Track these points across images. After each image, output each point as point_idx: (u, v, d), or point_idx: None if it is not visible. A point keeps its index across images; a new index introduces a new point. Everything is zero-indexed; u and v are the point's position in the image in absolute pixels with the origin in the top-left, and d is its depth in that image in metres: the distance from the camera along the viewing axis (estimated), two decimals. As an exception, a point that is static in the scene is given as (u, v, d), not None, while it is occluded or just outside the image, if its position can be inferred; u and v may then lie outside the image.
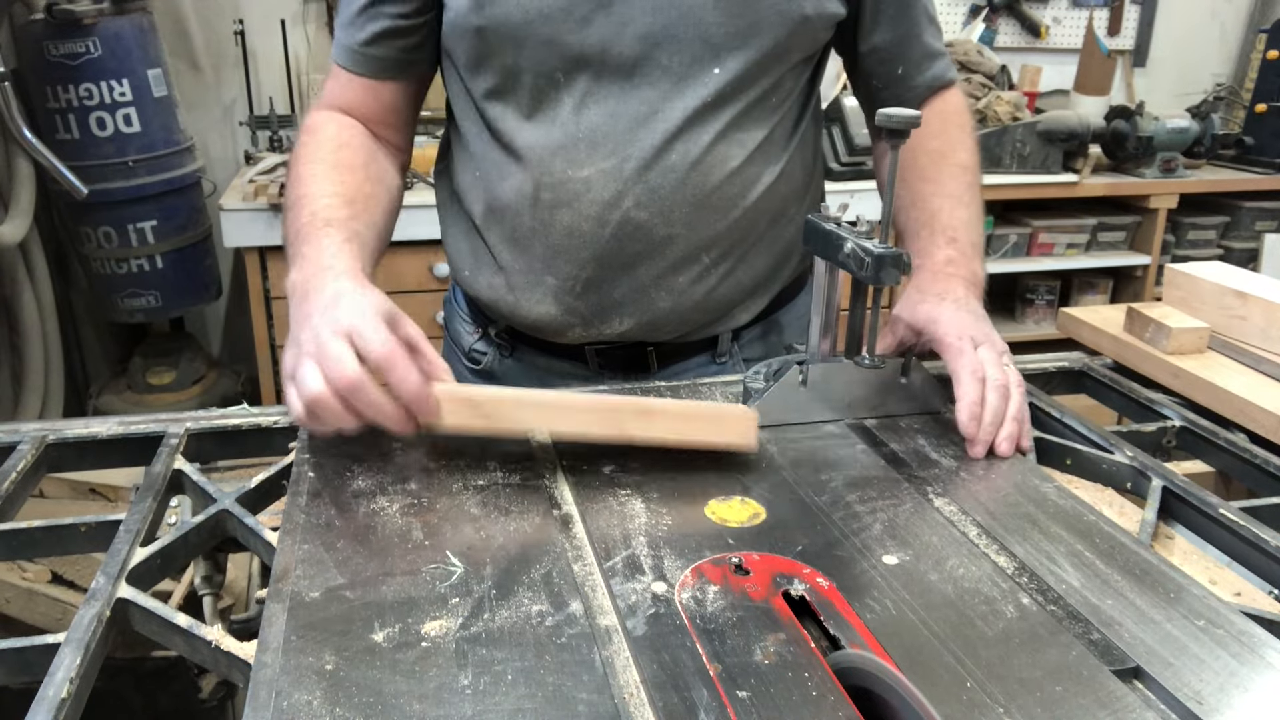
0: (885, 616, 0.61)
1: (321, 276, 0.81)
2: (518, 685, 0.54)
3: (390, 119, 1.06)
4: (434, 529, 0.70)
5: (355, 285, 0.80)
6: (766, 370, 0.93)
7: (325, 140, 1.00)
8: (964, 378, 0.85)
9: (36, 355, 2.39)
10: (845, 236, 0.83)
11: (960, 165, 1.05)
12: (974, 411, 0.84)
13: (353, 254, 0.86)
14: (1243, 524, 0.76)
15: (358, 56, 1.02)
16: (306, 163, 0.97)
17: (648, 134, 0.94)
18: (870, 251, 0.81)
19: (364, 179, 0.97)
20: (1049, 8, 3.37)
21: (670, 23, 0.91)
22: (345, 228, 0.89)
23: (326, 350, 0.73)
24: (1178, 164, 2.99)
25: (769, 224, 1.03)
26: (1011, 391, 0.86)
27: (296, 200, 0.93)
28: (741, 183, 0.98)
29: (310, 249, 0.86)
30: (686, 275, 1.00)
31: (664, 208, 0.96)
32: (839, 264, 0.85)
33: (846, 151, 2.69)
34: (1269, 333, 1.12)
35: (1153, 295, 3.03)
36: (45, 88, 2.26)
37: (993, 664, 0.57)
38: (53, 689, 0.55)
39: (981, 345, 0.88)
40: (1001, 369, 0.87)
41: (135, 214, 2.38)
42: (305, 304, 0.80)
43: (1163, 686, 0.56)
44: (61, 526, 0.75)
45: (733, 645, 0.58)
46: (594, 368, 1.07)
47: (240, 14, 2.72)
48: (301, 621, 0.59)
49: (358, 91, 1.03)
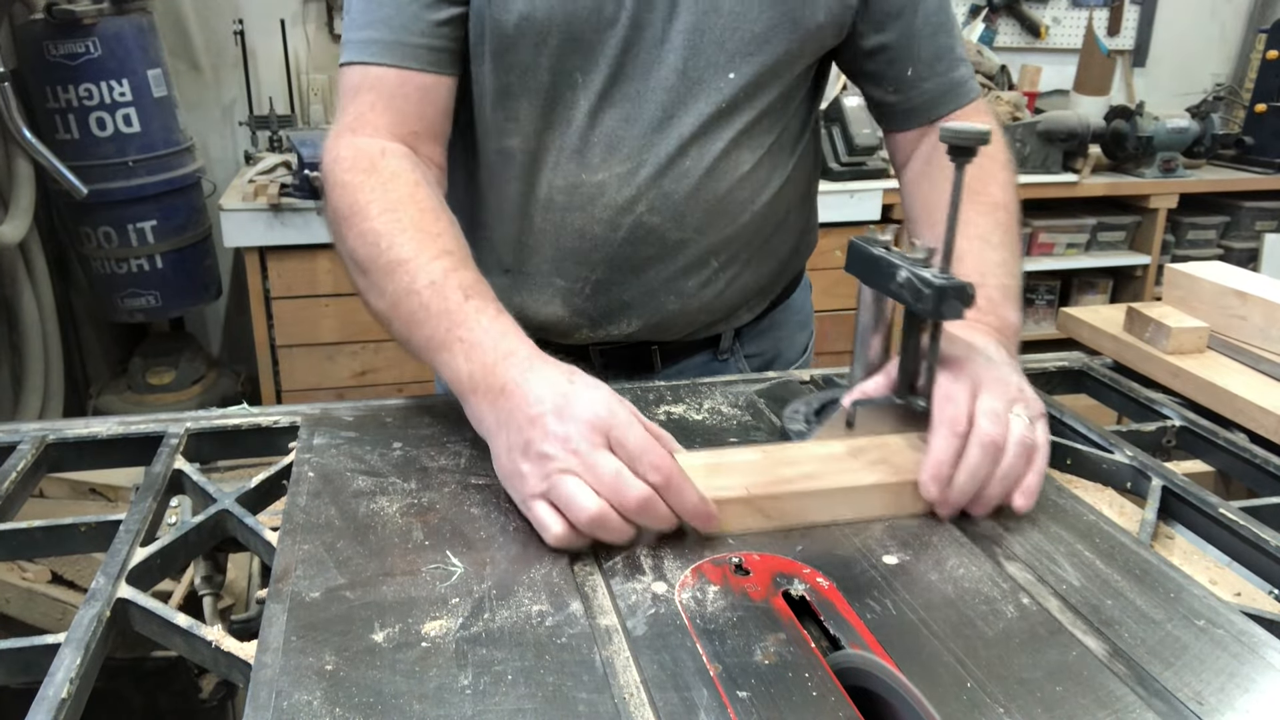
0: (885, 616, 0.61)
1: (508, 367, 0.71)
2: (518, 685, 0.54)
3: (439, 128, 0.94)
4: (434, 529, 0.70)
5: (565, 375, 0.70)
6: (806, 410, 0.86)
7: (393, 179, 0.86)
8: (938, 430, 0.72)
9: (36, 355, 2.40)
10: (898, 264, 0.74)
11: (992, 203, 0.94)
12: (938, 471, 0.71)
13: (516, 327, 0.76)
14: (1243, 524, 0.76)
15: (417, 51, 0.90)
16: (387, 212, 0.83)
17: (663, 139, 0.94)
18: (930, 282, 0.70)
19: (450, 221, 0.85)
20: (1049, 8, 3.37)
21: (689, 29, 0.91)
22: (483, 293, 0.78)
23: (600, 469, 0.64)
24: (1177, 164, 2.99)
25: (774, 228, 1.05)
26: (1007, 448, 0.71)
27: (394, 265, 0.80)
28: (752, 188, 0.99)
29: (467, 332, 0.75)
30: (696, 279, 1.01)
31: (677, 212, 0.97)
32: (891, 294, 0.75)
33: (846, 151, 2.70)
34: (1269, 333, 1.12)
35: (1153, 295, 3.03)
36: (45, 88, 2.26)
37: (993, 664, 0.57)
38: (53, 689, 0.54)
39: (985, 393, 0.73)
40: (999, 421, 0.72)
41: (135, 214, 2.38)
42: (505, 401, 0.70)
43: (1163, 686, 0.56)
44: (61, 526, 0.75)
45: (733, 645, 0.58)
46: (598, 366, 1.07)
47: (240, 14, 2.72)
48: (301, 621, 0.59)
49: (410, 96, 0.91)
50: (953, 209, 0.72)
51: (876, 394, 0.79)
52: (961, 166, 0.71)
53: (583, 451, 0.65)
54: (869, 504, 0.73)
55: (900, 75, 1.00)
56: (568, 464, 0.65)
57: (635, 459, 0.65)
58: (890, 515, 0.73)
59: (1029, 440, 0.72)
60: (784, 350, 1.17)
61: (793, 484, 0.72)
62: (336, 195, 0.86)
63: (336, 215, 0.86)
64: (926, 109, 1.01)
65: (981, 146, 0.95)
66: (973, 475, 0.71)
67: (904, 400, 0.78)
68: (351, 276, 0.86)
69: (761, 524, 0.70)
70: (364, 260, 0.83)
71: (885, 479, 0.73)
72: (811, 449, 0.77)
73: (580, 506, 0.64)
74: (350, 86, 0.92)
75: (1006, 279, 0.89)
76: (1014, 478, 0.72)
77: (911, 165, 1.04)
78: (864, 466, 0.74)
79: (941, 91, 1.00)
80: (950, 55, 1.00)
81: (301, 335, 2.41)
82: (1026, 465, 0.72)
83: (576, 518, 0.64)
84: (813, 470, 0.73)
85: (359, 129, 0.90)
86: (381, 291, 0.81)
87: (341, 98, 0.94)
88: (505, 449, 0.70)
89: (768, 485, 0.71)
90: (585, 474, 0.65)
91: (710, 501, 0.67)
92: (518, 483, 0.68)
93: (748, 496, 0.70)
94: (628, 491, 0.64)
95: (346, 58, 0.93)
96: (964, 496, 0.71)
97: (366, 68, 0.91)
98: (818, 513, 0.72)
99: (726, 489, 0.70)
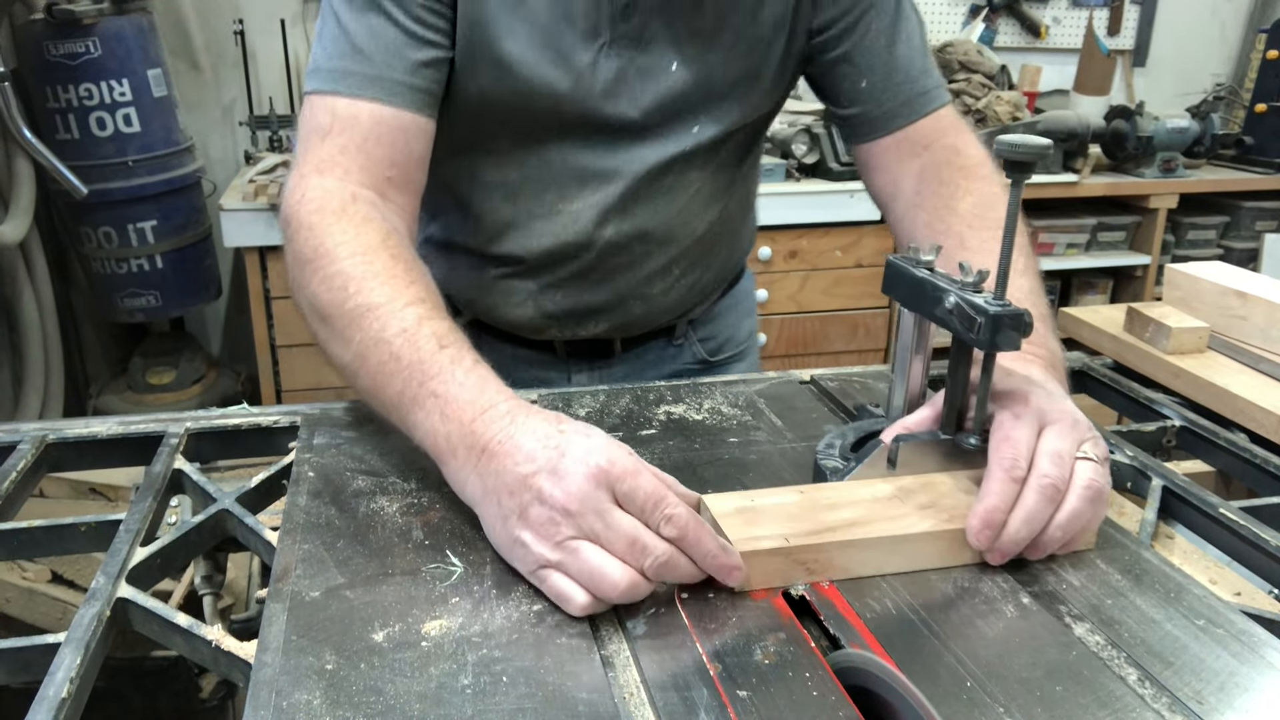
0: (885, 616, 0.61)
1: (488, 424, 0.65)
2: (518, 685, 0.54)
3: (414, 177, 0.90)
4: (434, 529, 0.70)
5: (554, 425, 0.64)
6: (841, 443, 0.79)
7: (365, 224, 0.80)
8: (994, 473, 0.65)
9: (36, 355, 2.40)
10: (946, 288, 0.68)
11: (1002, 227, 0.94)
12: (990, 518, 0.64)
13: (494, 378, 0.70)
14: (1243, 524, 0.76)
15: (398, 88, 0.86)
16: (356, 255, 0.76)
17: (632, 175, 0.98)
18: (983, 310, 0.64)
19: (422, 271, 0.80)
20: (1049, 8, 3.37)
21: (663, 99, 0.96)
22: (458, 342, 0.72)
23: (615, 530, 0.59)
24: (1177, 164, 2.99)
25: (725, 235, 1.12)
26: (1072, 491, 0.66)
27: (362, 310, 0.73)
28: (707, 203, 1.05)
29: (441, 385, 0.68)
30: (659, 286, 1.08)
31: (643, 231, 1.02)
32: (936, 320, 0.69)
33: (846, 151, 2.69)
34: (1269, 333, 1.12)
35: (1153, 295, 3.03)
36: (45, 88, 2.26)
37: (993, 664, 0.57)
38: (53, 689, 0.54)
39: (1050, 432, 0.68)
40: (1063, 464, 0.66)
41: (135, 214, 2.38)
42: (491, 463, 0.63)
43: (1163, 686, 0.56)
44: (61, 526, 0.75)
45: (733, 645, 0.58)
46: (561, 355, 1.13)
47: (240, 14, 2.72)
48: (302, 621, 0.59)
49: (383, 140, 0.86)
50: (1008, 229, 0.66)
51: (919, 429, 0.73)
52: (1019, 184, 0.65)
53: (591, 512, 0.59)
54: (921, 554, 0.66)
55: (854, 89, 0.99)
56: (578, 529, 0.59)
57: (646, 512, 0.60)
58: (943, 566, 0.66)
59: (1097, 485, 0.66)
60: (733, 334, 1.22)
61: (836, 532, 0.65)
62: (301, 238, 0.80)
63: (299, 259, 0.79)
64: (885, 120, 0.99)
65: (973, 167, 0.95)
66: (1028, 521, 0.64)
67: (951, 437, 0.72)
68: (311, 326, 0.79)
69: (803, 578, 0.64)
70: (327, 306, 0.75)
71: (939, 526, 0.66)
72: (854, 491, 0.70)
73: (609, 581, 0.58)
74: (318, 126, 0.86)
75: (1042, 308, 0.83)
76: (1078, 524, 0.66)
77: (900, 197, 1.00)
78: (914, 512, 0.67)
79: (899, 102, 0.98)
80: (909, 66, 0.98)
81: (301, 335, 2.41)
82: (1091, 510, 0.66)
83: (606, 593, 0.58)
84: (858, 516, 0.67)
85: (327, 171, 0.84)
86: (347, 340, 0.74)
87: (307, 135, 0.87)
88: (499, 517, 0.63)
89: (809, 534, 0.64)
90: (600, 538, 0.59)
91: (734, 552, 0.61)
92: (520, 553, 0.62)
93: (788, 548, 0.63)
94: (650, 552, 0.59)
95: (317, 86, 0.88)
96: (1017, 545, 0.65)
97: (337, 99, 0.86)
98: (864, 565, 0.65)
99: (763, 539, 0.63)
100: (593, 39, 0.92)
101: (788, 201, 2.63)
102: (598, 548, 0.59)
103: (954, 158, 0.96)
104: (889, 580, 0.65)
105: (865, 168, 1.05)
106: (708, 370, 1.19)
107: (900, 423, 0.75)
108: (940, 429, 0.73)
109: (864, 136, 1.02)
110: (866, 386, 0.98)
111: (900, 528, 0.66)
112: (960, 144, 0.98)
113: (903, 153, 1.00)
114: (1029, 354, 0.77)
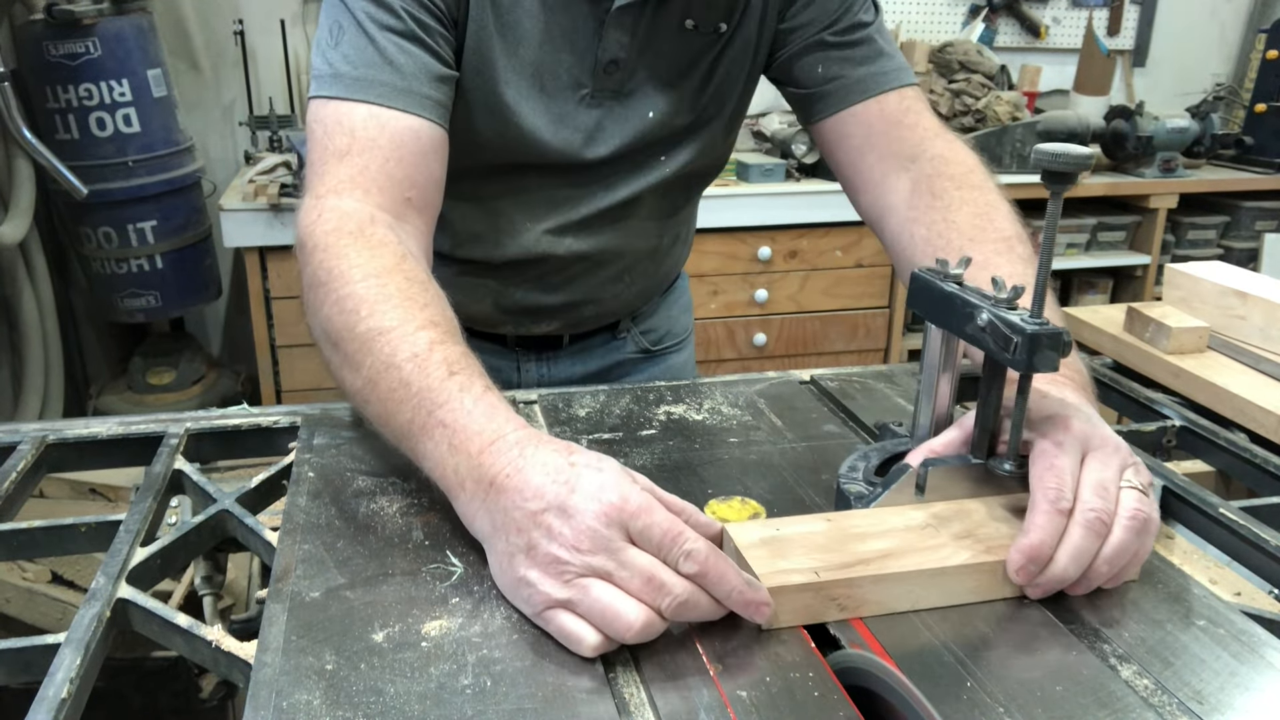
0: (885, 616, 0.61)
1: (496, 456, 0.61)
2: (518, 685, 0.54)
3: (431, 199, 0.88)
4: (434, 529, 0.70)
5: (564, 457, 0.60)
6: (865, 466, 0.75)
7: (381, 246, 0.77)
8: (1040, 506, 0.62)
9: (36, 355, 2.40)
10: (978, 304, 0.64)
11: (1003, 238, 0.85)
12: (1036, 554, 0.61)
13: (505, 405, 0.66)
14: (1243, 524, 0.76)
15: (425, 102, 0.85)
16: (371, 278, 0.74)
17: (598, 201, 1.04)
18: (1019, 328, 0.60)
19: (438, 294, 0.77)
20: (1049, 8, 3.37)
21: (635, 141, 1.01)
22: (469, 368, 0.68)
23: (629, 567, 0.56)
24: (1177, 164, 2.99)
25: (676, 247, 1.20)
26: (1118, 523, 0.62)
27: (374, 335, 0.70)
28: (658, 217, 1.12)
29: (449, 414, 0.65)
30: (610, 290, 1.14)
31: (599, 243, 1.08)
32: (967, 338, 0.66)
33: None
34: (1269, 333, 1.12)
35: (1153, 295, 3.03)
36: (45, 88, 2.26)
37: (993, 664, 0.57)
38: (53, 689, 0.54)
39: (1094, 460, 0.65)
40: (1108, 495, 0.63)
41: (135, 214, 2.38)
42: (499, 498, 0.60)
43: (1163, 686, 0.56)
44: (61, 526, 0.75)
45: (733, 645, 0.58)
46: (511, 346, 1.18)
47: (240, 14, 2.72)
48: (302, 621, 0.59)
49: (404, 160, 0.83)
50: (1046, 243, 0.62)
51: (948, 453, 0.70)
52: (1058, 195, 0.62)
53: (603, 552, 0.56)
54: (959, 588, 0.62)
55: (811, 74, 1.00)
56: (589, 567, 0.56)
57: (664, 548, 0.56)
58: (983, 600, 0.63)
59: (1143, 515, 0.63)
60: (673, 328, 1.29)
61: (869, 565, 0.61)
62: (316, 260, 0.77)
63: (314, 282, 0.77)
64: (840, 95, 0.98)
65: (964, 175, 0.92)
66: (1075, 558, 0.61)
67: (983, 461, 0.68)
68: (324, 354, 0.77)
69: (834, 614, 0.60)
70: (339, 330, 0.73)
71: (977, 558, 0.62)
72: (884, 519, 0.66)
73: (623, 620, 0.55)
74: (336, 149, 0.83)
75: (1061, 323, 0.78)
76: (1125, 557, 0.63)
77: (893, 213, 0.96)
78: (950, 542, 0.64)
79: (856, 79, 0.98)
80: (866, 48, 0.98)
81: (301, 335, 2.41)
82: (1138, 541, 0.63)
83: (619, 633, 0.55)
84: (891, 547, 0.63)
85: (345, 192, 0.81)
86: (357, 366, 0.71)
87: (323, 157, 0.84)
88: (505, 554, 0.60)
89: (841, 567, 0.61)
90: (614, 577, 0.56)
91: (760, 587, 0.58)
92: (526, 592, 0.58)
93: (818, 582, 0.59)
94: (668, 591, 0.55)
95: (339, 93, 0.84)
96: (1062, 582, 0.62)
97: (358, 107, 0.83)
98: (899, 599, 0.61)
99: (792, 573, 0.60)
100: (575, 90, 0.97)
101: (788, 201, 2.63)
102: (610, 585, 0.56)
103: (943, 167, 0.93)
104: (921, 616, 0.62)
105: (849, 184, 1.03)
106: (648, 359, 1.26)
107: (927, 445, 0.71)
108: (971, 452, 0.69)
109: (819, 113, 1.01)
110: (866, 386, 0.98)
111: (937, 560, 0.62)
112: (947, 152, 0.95)
113: (889, 167, 0.97)
114: (1061, 375, 0.73)
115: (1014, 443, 0.66)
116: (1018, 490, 0.67)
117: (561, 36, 0.94)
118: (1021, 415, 0.65)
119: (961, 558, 0.62)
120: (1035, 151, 0.61)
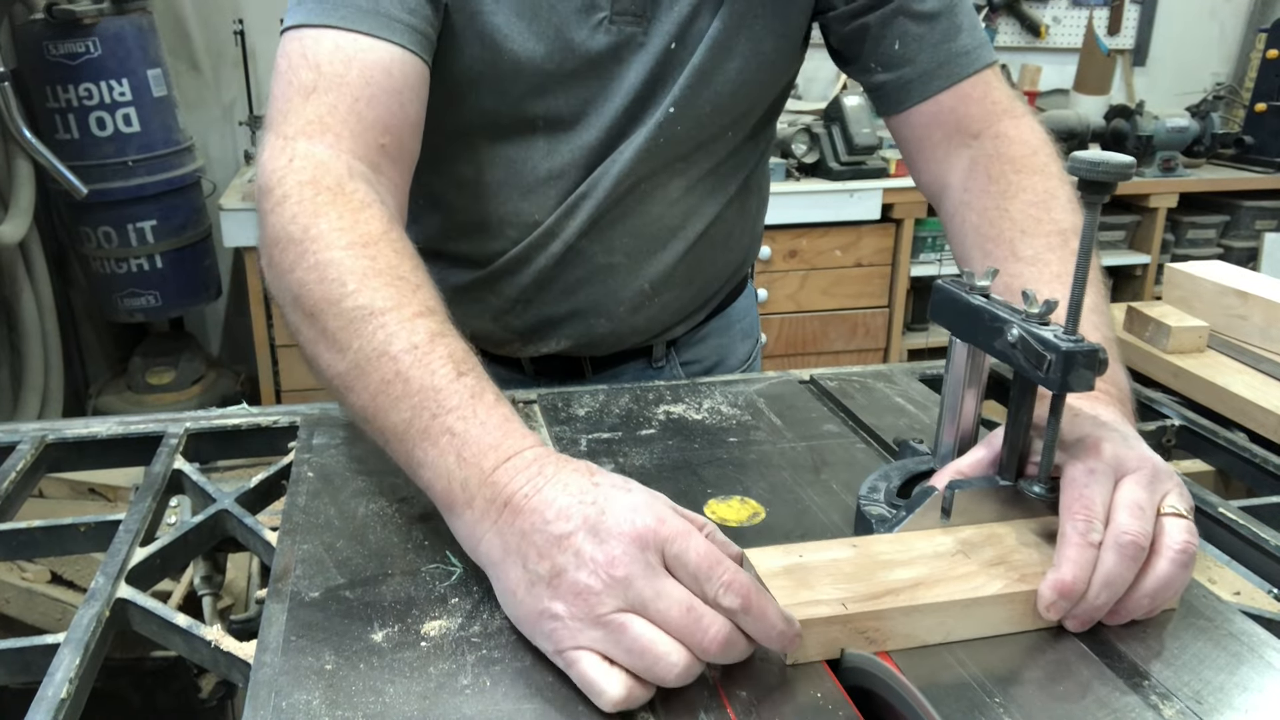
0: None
1: (512, 475, 0.56)
2: (518, 685, 0.54)
3: (408, 145, 0.79)
4: (434, 529, 0.70)
5: (587, 478, 0.55)
6: (886, 486, 0.71)
7: (364, 209, 0.70)
8: (1070, 537, 0.58)
9: (36, 355, 2.40)
10: (1008, 319, 0.60)
11: (1058, 230, 0.79)
12: (1066, 590, 0.57)
13: (515, 416, 0.60)
14: (1242, 523, 0.76)
15: (399, 26, 0.76)
16: (356, 246, 0.67)
17: (603, 173, 0.92)
18: (1053, 345, 0.57)
19: (427, 273, 0.70)
20: (1049, 7, 3.37)
21: (649, 76, 0.89)
22: (476, 368, 0.63)
23: (666, 600, 0.50)
24: (1177, 163, 3.00)
25: (713, 251, 1.01)
26: (1162, 553, 0.58)
27: (364, 314, 0.63)
28: (683, 214, 0.98)
29: (459, 422, 0.59)
30: (626, 304, 1.00)
31: (604, 236, 0.95)
32: (995, 353, 0.62)
33: (846, 150, 2.70)
34: (1269, 332, 1.12)
35: (1153, 295, 3.03)
36: (45, 88, 2.27)
37: (993, 664, 0.57)
38: (52, 689, 0.54)
39: (1130, 482, 0.60)
40: (1144, 517, 0.58)
41: (135, 214, 2.38)
42: (517, 520, 0.54)
43: (1163, 686, 0.56)
44: (61, 526, 0.75)
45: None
46: (529, 373, 1.07)
47: (240, 14, 2.73)
48: (301, 621, 0.59)
49: (377, 99, 0.75)
50: (1082, 253, 0.58)
51: (974, 473, 0.65)
52: (1095, 207, 0.57)
53: (640, 579, 0.50)
54: (994, 619, 0.59)
55: (888, 51, 0.90)
56: (624, 599, 0.50)
57: (700, 579, 0.51)
58: (1016, 631, 0.59)
59: (1192, 549, 0.59)
60: (725, 357, 1.12)
61: (899, 595, 0.57)
62: (288, 213, 0.69)
63: (285, 237, 0.68)
64: (921, 83, 0.90)
65: (1025, 157, 0.84)
66: (1109, 585, 0.57)
67: (1012, 484, 0.65)
68: (290, 319, 0.69)
69: (861, 647, 0.56)
70: (317, 301, 0.65)
71: (1011, 588, 0.59)
72: (912, 545, 0.63)
73: (665, 662, 0.49)
74: (301, 85, 0.75)
75: (1106, 330, 0.73)
76: (1169, 591, 0.59)
77: (949, 194, 0.92)
78: (982, 570, 0.60)
79: (937, 64, 0.88)
80: (946, 22, 0.88)
81: (301, 335, 2.41)
82: (1184, 575, 0.59)
83: (660, 675, 0.49)
84: (921, 575, 0.59)
85: (315, 136, 0.73)
86: (340, 347, 0.64)
87: (286, 93, 0.75)
88: (524, 583, 0.54)
89: (869, 598, 0.57)
90: (649, 610, 0.50)
91: (795, 622, 0.53)
92: (550, 626, 0.52)
93: (847, 615, 0.56)
94: (708, 629, 0.50)
95: (302, 19, 0.76)
96: (1098, 611, 0.58)
97: (324, 33, 0.75)
98: (930, 631, 0.58)
99: (819, 605, 0.56)
100: (590, 13, 0.85)
101: (788, 201, 2.63)
102: (647, 622, 0.50)
103: (1005, 148, 0.87)
104: (950, 648, 0.59)
105: (910, 159, 0.96)
106: None
107: (953, 466, 0.67)
108: (999, 474, 0.65)
109: (898, 105, 0.92)
110: (866, 386, 0.98)
111: (969, 589, 0.58)
112: (1011, 131, 0.88)
113: (952, 144, 0.91)
114: (1098, 390, 0.67)
115: (1045, 464, 0.62)
116: (1047, 512, 0.64)
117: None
118: (1054, 436, 0.61)
119: (995, 587, 0.59)
120: (1072, 160, 0.57)
